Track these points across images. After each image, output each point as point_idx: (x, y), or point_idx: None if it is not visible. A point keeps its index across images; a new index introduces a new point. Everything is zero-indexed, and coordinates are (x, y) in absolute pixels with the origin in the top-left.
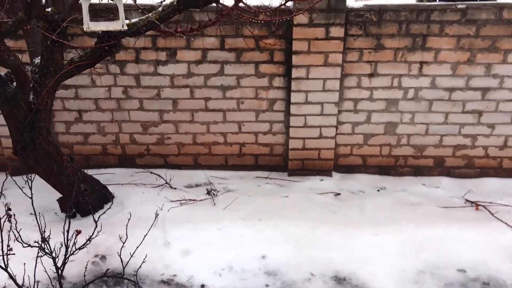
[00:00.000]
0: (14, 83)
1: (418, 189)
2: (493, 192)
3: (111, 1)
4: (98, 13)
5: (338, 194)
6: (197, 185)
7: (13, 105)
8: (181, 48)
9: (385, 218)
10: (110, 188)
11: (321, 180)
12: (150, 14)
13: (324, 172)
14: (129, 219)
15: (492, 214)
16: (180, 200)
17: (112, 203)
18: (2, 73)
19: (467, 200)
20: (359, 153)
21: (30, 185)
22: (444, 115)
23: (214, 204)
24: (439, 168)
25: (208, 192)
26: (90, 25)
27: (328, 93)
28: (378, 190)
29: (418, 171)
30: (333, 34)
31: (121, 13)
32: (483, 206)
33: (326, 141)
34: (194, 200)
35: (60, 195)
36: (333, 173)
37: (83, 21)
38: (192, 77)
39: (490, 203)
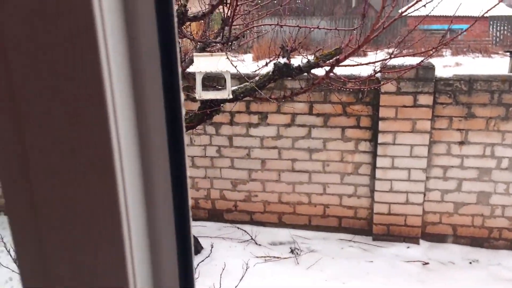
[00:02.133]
0: None
1: None
2: None
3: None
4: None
5: (426, 263)
6: (281, 243)
7: None
8: (272, 112)
9: None
10: (200, 240)
11: (408, 247)
12: (247, 83)
13: (411, 239)
14: (223, 269)
15: None
16: (265, 257)
17: (209, 255)
18: None
19: None
20: (449, 222)
21: None
22: None
23: (298, 263)
24: None
25: (292, 251)
26: (202, 94)
27: (416, 159)
28: (470, 263)
29: None
30: (421, 102)
31: (228, 84)
32: None
33: (413, 208)
34: (278, 257)
35: None
36: (421, 241)
37: (196, 91)
38: (281, 139)
39: None
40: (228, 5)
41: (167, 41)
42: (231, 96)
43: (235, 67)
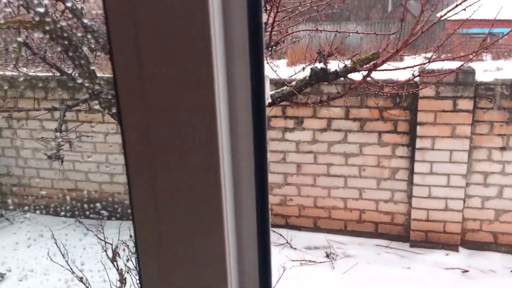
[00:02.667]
0: None
1: None
2: None
3: None
4: None
5: (466, 271)
6: (316, 248)
7: None
8: (307, 117)
9: None
10: None
11: (447, 254)
12: (285, 87)
13: (450, 246)
14: None
15: None
16: (300, 260)
17: None
18: None
19: None
20: (490, 229)
21: None
22: None
23: (333, 267)
24: None
25: (327, 255)
26: None
27: (455, 165)
28: None
29: None
30: (461, 107)
31: (267, 89)
32: None
33: (453, 214)
34: (313, 261)
35: None
36: (460, 248)
37: None
38: (316, 143)
39: None
40: (268, 11)
41: (255, 40)
42: (269, 100)
43: (275, 71)
